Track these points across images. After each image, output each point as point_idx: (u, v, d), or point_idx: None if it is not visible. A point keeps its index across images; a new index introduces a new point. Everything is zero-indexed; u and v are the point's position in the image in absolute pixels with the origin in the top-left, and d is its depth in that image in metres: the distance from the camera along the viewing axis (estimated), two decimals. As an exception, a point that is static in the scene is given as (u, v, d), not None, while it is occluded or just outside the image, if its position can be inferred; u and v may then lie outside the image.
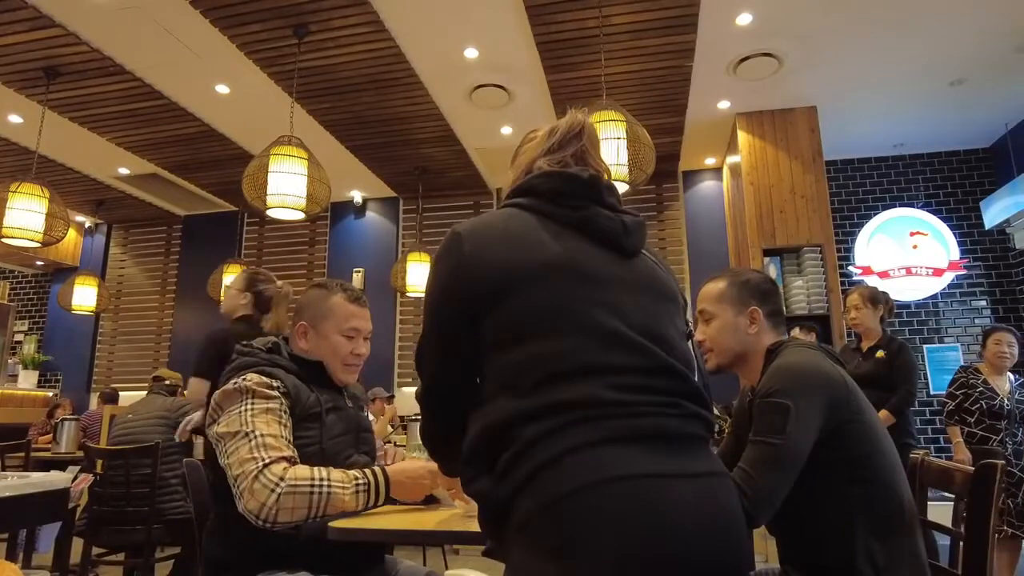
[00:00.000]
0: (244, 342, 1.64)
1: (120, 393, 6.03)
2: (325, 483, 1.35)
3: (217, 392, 1.48)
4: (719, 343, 1.52)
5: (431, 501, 1.71)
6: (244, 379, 1.47)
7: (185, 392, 4.13)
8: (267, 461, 1.34)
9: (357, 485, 1.39)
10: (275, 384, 1.49)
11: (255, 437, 1.38)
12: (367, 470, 1.44)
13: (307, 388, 1.55)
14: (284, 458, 1.37)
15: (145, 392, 3.66)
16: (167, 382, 3.62)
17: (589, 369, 0.92)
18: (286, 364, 1.57)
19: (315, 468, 1.38)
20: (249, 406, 1.43)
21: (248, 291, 2.85)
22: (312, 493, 1.33)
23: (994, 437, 3.56)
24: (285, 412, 1.47)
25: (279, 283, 2.76)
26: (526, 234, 1.01)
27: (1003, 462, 1.22)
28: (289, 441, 1.44)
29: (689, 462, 0.92)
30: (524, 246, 0.99)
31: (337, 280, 1.74)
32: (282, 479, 1.31)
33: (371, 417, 1.93)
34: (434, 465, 1.45)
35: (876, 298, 3.57)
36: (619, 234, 1.04)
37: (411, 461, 1.55)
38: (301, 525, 1.34)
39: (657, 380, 0.94)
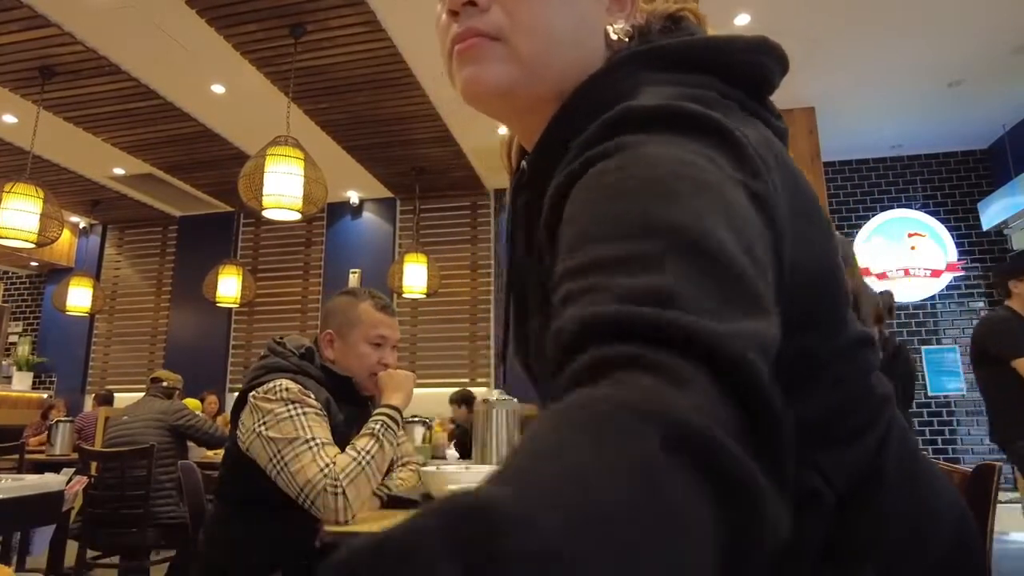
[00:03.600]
0: (277, 339, 1.62)
1: (115, 395, 5.99)
2: (365, 454, 1.40)
3: (255, 394, 1.46)
4: None
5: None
6: (285, 388, 1.45)
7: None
8: (327, 465, 1.37)
9: (376, 433, 1.45)
10: (310, 395, 1.49)
11: (315, 444, 1.38)
12: (372, 419, 1.49)
13: (334, 403, 1.55)
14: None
15: (141, 394, 3.63)
16: (164, 383, 3.58)
17: None
18: (316, 374, 1.55)
19: (348, 450, 1.41)
20: (301, 411, 1.43)
21: None
22: (363, 472, 1.38)
23: None
24: (326, 418, 1.50)
25: None
26: None
27: (1000, 464, 1.21)
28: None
29: None
30: None
31: (366, 288, 1.71)
32: (337, 479, 1.34)
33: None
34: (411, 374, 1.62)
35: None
36: None
37: (394, 375, 1.60)
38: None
39: None
